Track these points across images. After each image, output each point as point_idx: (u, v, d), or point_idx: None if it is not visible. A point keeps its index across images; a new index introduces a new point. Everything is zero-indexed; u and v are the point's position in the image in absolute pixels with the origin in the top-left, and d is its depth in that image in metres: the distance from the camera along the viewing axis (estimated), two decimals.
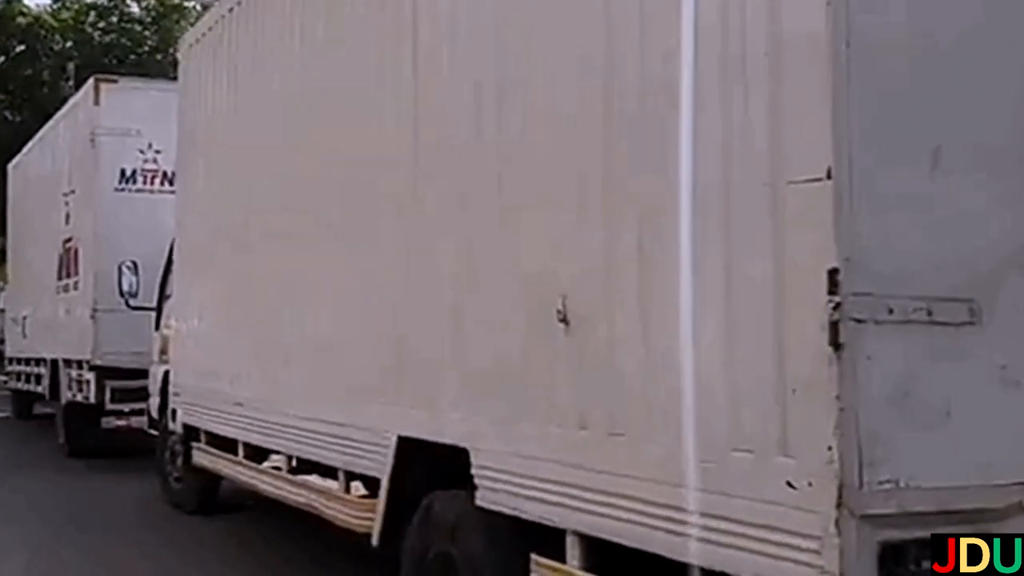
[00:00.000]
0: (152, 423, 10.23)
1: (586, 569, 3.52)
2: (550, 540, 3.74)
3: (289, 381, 6.05)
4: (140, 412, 10.91)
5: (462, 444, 4.19)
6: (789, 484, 2.67)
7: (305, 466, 6.25)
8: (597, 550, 3.51)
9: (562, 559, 3.63)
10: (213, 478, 8.28)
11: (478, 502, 4.07)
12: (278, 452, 6.38)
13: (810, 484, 2.61)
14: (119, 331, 11.04)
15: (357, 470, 5.30)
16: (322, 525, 5.95)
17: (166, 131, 10.26)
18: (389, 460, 4.78)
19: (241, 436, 6.88)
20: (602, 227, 3.44)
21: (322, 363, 5.60)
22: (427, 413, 4.53)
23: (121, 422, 11.42)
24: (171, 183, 11.18)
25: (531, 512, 3.76)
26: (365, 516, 5.08)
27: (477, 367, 4.15)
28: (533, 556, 3.75)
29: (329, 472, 5.92)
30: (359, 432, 5.12)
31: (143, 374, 10.39)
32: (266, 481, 6.58)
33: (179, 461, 8.82)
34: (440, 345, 4.44)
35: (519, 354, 3.87)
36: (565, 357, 3.60)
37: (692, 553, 3.02)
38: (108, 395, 11.31)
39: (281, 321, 6.13)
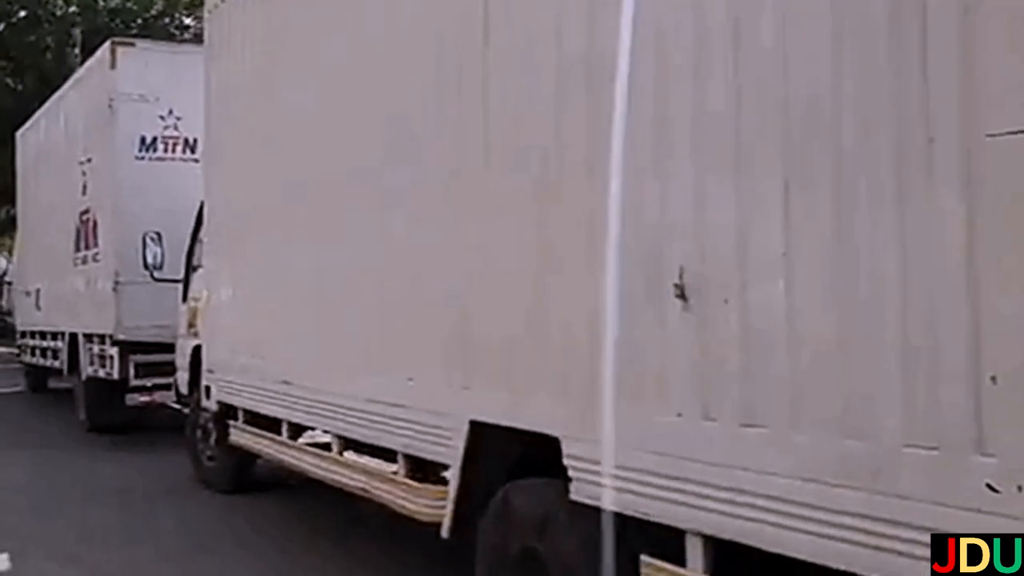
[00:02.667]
0: (180, 399, 9.92)
1: (709, 573, 3.17)
2: (659, 539, 3.39)
3: (342, 358, 5.67)
4: (165, 387, 10.61)
5: (550, 432, 3.83)
6: (990, 487, 2.31)
7: (352, 447, 5.93)
8: (721, 552, 3.17)
9: (675, 560, 3.28)
10: (248, 456, 7.98)
11: (572, 496, 3.71)
12: (328, 433, 6.02)
13: (1021, 488, 2.25)
14: (143, 304, 10.69)
15: (420, 455, 4.95)
16: (364, 505, 5.67)
17: (187, 97, 10.03)
18: (460, 447, 4.43)
19: (286, 415, 6.51)
20: (734, 186, 3.03)
21: (380, 339, 5.21)
22: (504, 397, 4.16)
23: (146, 398, 11.11)
24: (193, 151, 10.97)
25: (640, 509, 3.40)
26: (432, 505, 4.74)
27: (567, 348, 3.77)
28: (644, 558, 3.39)
29: (379, 453, 5.63)
30: (423, 415, 4.76)
31: (168, 348, 10.08)
32: (314, 463, 6.23)
33: (212, 439, 8.53)
34: (520, 322, 4.06)
35: (622, 334, 3.49)
36: (683, 338, 3.22)
37: (849, 560, 2.66)
38: (132, 370, 10.97)
39: (333, 295, 5.75)
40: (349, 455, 5.86)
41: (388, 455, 5.43)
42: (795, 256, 2.83)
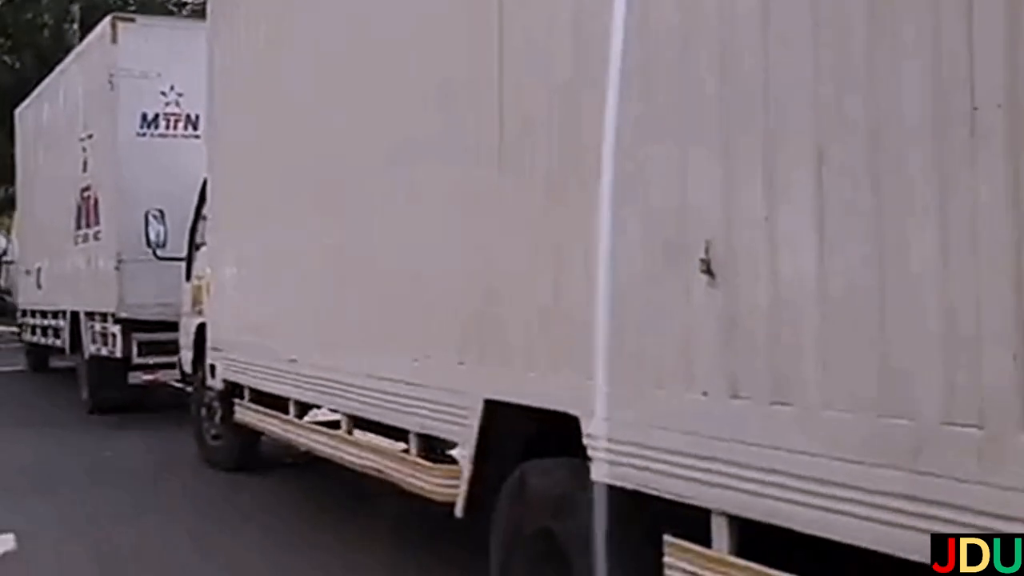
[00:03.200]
0: (184, 378, 9.90)
1: (735, 553, 3.09)
2: (682, 519, 3.32)
3: (352, 336, 5.59)
4: (169, 366, 10.62)
5: (570, 410, 3.74)
6: None
7: (361, 425, 5.86)
8: (746, 532, 3.09)
9: (698, 540, 3.21)
10: (253, 435, 7.94)
11: (593, 476, 3.63)
12: (336, 411, 5.94)
13: None
14: (145, 282, 10.64)
15: (433, 434, 4.87)
16: (370, 483, 5.63)
17: (189, 72, 10.08)
18: (474, 425, 4.34)
19: (294, 394, 6.44)
20: (764, 156, 2.94)
21: (392, 317, 5.12)
22: (521, 375, 4.08)
23: (149, 376, 11.07)
24: (195, 128, 10.93)
25: (664, 489, 3.32)
26: (445, 484, 4.66)
27: (587, 325, 3.67)
28: (667, 538, 3.31)
29: (388, 432, 5.57)
30: (437, 393, 4.68)
31: (172, 326, 10.08)
32: (322, 442, 6.16)
33: (217, 418, 8.49)
34: (539, 299, 3.97)
35: (645, 311, 3.41)
36: (710, 314, 3.14)
37: (888, 542, 2.58)
38: (135, 349, 10.91)
39: (343, 272, 5.66)
40: (358, 434, 5.79)
41: (397, 434, 5.38)
42: (829, 228, 2.74)
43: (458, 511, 4.48)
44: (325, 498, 7.42)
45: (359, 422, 5.82)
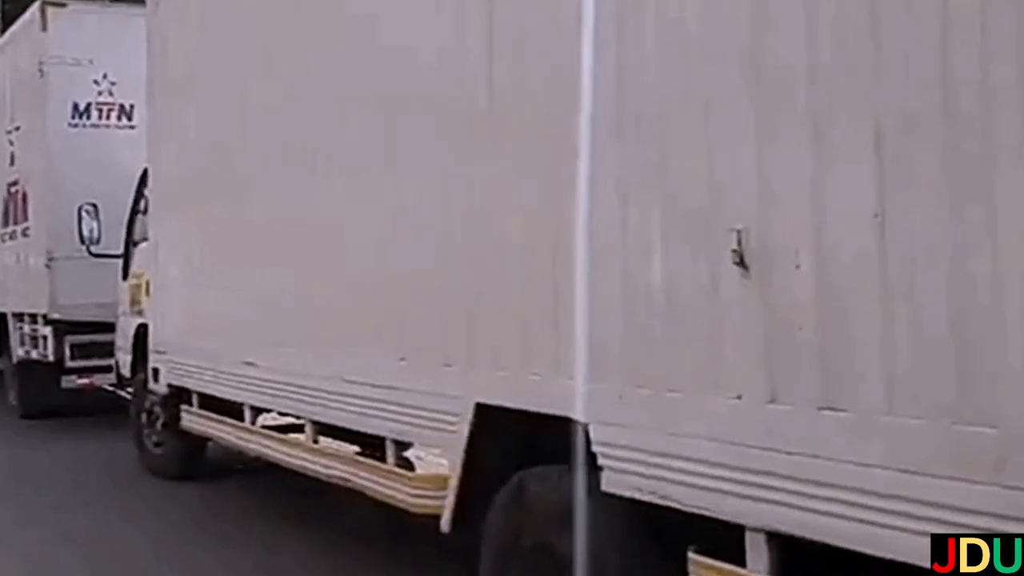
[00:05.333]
0: (121, 382, 9.41)
1: (774, 574, 2.82)
2: (709, 535, 3.05)
3: (318, 336, 5.20)
4: (104, 369, 10.11)
5: (576, 416, 3.45)
6: None
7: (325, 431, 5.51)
8: (785, 551, 2.83)
9: (729, 559, 2.94)
10: (199, 442, 7.53)
11: (604, 487, 3.34)
12: (300, 418, 5.58)
13: None
14: (78, 281, 10.12)
15: (412, 440, 4.55)
16: (327, 489, 5.32)
17: (123, 60, 9.77)
18: (464, 432, 4.03)
19: (250, 399, 6.05)
20: (811, 134, 2.66)
21: (367, 314, 4.74)
22: (518, 377, 3.77)
23: (84, 380, 10.54)
24: (130, 118, 10.57)
25: (688, 501, 3.04)
26: (428, 495, 4.34)
27: (599, 321, 3.38)
28: (693, 556, 3.04)
29: (353, 439, 5.24)
30: (419, 397, 4.35)
31: (108, 327, 9.59)
32: (283, 450, 5.78)
33: (159, 424, 8.07)
34: (540, 292, 3.66)
35: (667, 306, 3.12)
36: (743, 310, 2.86)
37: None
38: (68, 352, 10.39)
39: (308, 266, 5.27)
40: (325, 441, 5.43)
41: (360, 439, 5.06)
42: (893, 217, 2.48)
43: (444, 525, 4.17)
44: (280, 505, 7.04)
45: (323, 429, 5.47)
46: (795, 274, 2.72)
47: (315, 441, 5.43)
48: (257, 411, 6.20)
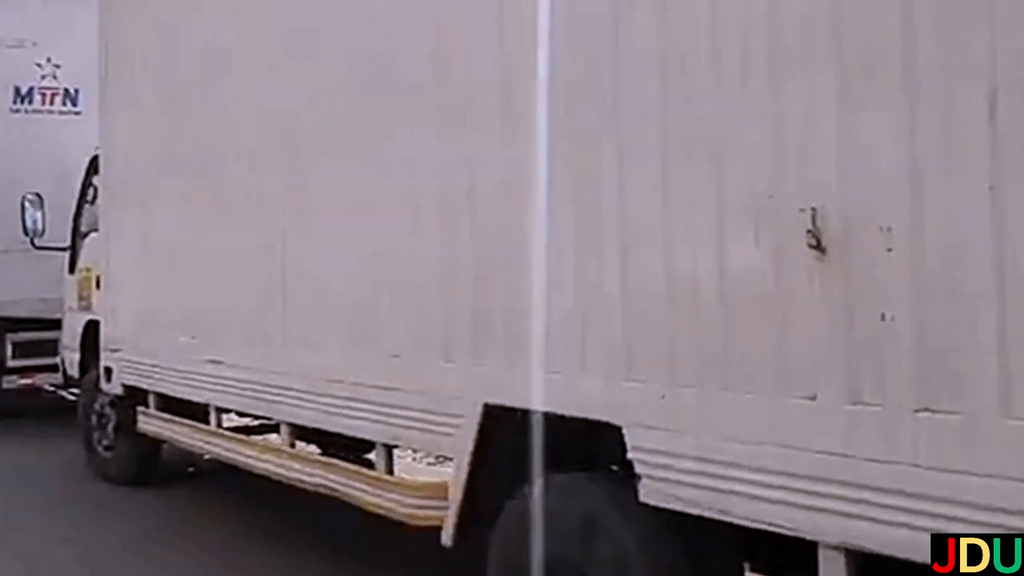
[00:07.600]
0: (67, 382, 8.87)
1: None
2: (769, 552, 2.73)
3: (297, 333, 4.80)
4: (49, 368, 9.55)
5: (610, 419, 3.10)
6: None
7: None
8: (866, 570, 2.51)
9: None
10: (153, 445, 7.06)
11: (643, 497, 3.00)
12: (275, 421, 5.15)
13: None
14: (20, 275, 9.53)
15: (407, 445, 4.17)
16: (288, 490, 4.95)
17: (67, 42, 9.46)
18: (470, 437, 3.66)
19: (217, 401, 5.60)
20: (905, 99, 2.33)
21: (355, 307, 4.34)
22: (535, 376, 3.40)
23: (26, 381, 9.94)
24: (75, 103, 10.14)
25: (753, 516, 2.70)
26: (429, 506, 3.96)
27: (637, 313, 3.03)
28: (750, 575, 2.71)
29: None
30: (417, 398, 3.96)
31: (52, 324, 9.06)
32: (253, 455, 5.34)
33: (111, 427, 7.56)
34: (564, 280, 3.29)
35: (722, 295, 2.78)
36: (821, 300, 2.53)
37: None
38: (9, 350, 9.82)
39: (286, 257, 4.84)
40: (301, 446, 5.02)
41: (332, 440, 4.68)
42: (1009, 190, 2.16)
43: (446, 539, 3.79)
44: (240, 512, 6.59)
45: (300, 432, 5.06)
46: (884, 258, 2.39)
47: (292, 445, 5.01)
48: (222, 413, 5.77)
